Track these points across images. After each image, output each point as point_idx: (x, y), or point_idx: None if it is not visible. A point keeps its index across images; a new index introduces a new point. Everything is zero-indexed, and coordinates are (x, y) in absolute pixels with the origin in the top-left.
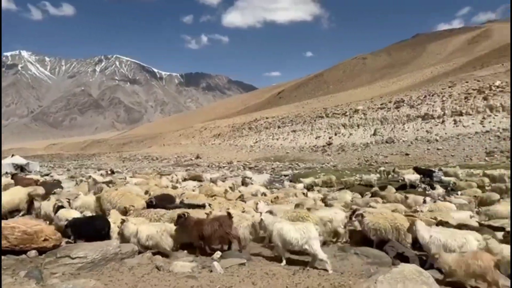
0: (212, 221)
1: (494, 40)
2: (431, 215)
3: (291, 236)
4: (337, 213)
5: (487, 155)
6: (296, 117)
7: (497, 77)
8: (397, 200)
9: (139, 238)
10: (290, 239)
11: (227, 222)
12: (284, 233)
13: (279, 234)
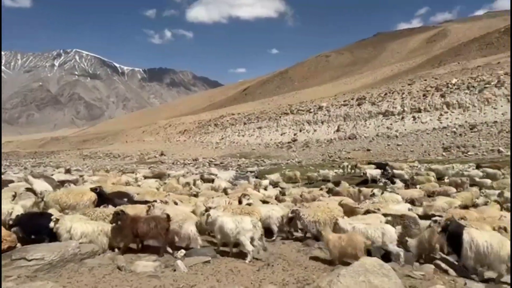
0: (148, 219)
1: (451, 39)
2: (374, 207)
3: (228, 227)
4: (274, 210)
5: (444, 150)
6: (262, 114)
7: (454, 75)
8: (350, 194)
9: (72, 235)
10: (227, 230)
11: (163, 224)
12: (223, 225)
13: (219, 227)
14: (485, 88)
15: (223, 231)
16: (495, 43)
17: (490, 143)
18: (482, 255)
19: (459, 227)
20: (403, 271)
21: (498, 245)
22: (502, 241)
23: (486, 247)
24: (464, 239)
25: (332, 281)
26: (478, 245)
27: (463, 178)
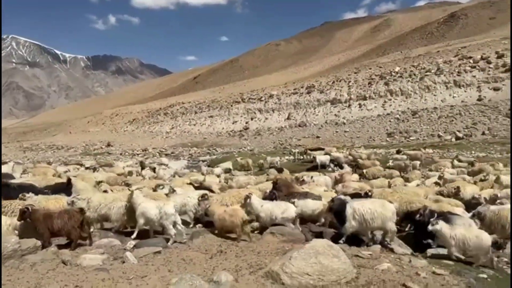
0: (61, 214)
1: (394, 29)
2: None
3: (151, 213)
4: (190, 197)
5: (388, 136)
6: (213, 102)
7: (397, 63)
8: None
9: None
10: (150, 215)
11: (76, 217)
12: (146, 211)
13: (142, 212)
14: (425, 76)
15: (147, 216)
16: (435, 33)
17: (431, 128)
18: (369, 220)
19: (342, 203)
20: (352, 252)
21: (382, 207)
22: (383, 204)
23: (370, 213)
24: (347, 212)
25: (284, 264)
26: (362, 213)
27: (406, 161)
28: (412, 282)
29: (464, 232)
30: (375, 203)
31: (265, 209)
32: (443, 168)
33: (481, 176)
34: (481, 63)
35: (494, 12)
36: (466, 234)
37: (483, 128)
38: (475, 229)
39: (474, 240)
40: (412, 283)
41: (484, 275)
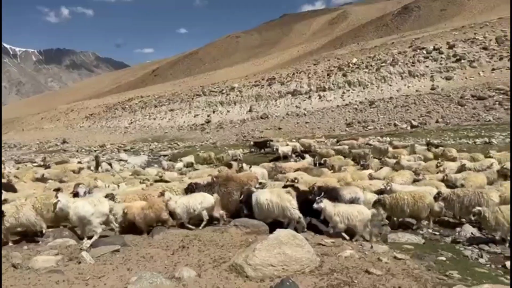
0: None
1: (351, 21)
2: None
3: (85, 210)
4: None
5: (347, 125)
6: (173, 96)
7: (354, 55)
8: None
9: None
10: (85, 213)
11: None
12: (79, 210)
13: (75, 213)
14: (381, 67)
15: (81, 215)
16: (390, 25)
17: (387, 117)
18: (266, 210)
19: (249, 193)
20: (315, 240)
21: (277, 199)
22: (280, 194)
23: (268, 204)
24: (252, 201)
25: (248, 256)
26: (261, 203)
27: (366, 150)
28: (374, 267)
29: (347, 207)
30: (273, 193)
31: (180, 204)
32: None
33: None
34: (434, 53)
35: (444, 4)
36: (349, 210)
37: (436, 116)
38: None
39: (356, 215)
40: (375, 269)
41: (443, 258)
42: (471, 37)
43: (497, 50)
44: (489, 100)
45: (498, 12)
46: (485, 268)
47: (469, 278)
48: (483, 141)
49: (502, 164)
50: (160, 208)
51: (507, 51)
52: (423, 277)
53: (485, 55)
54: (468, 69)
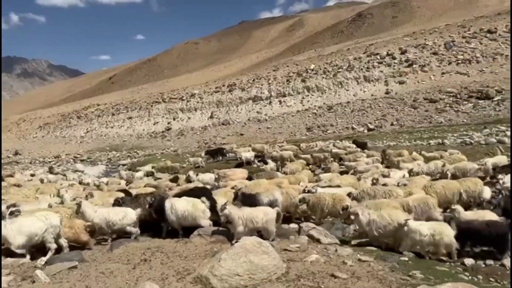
0: None
1: (307, 28)
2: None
3: (36, 226)
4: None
5: (308, 130)
6: (131, 103)
7: (312, 61)
8: None
9: None
10: (35, 230)
11: None
12: (26, 229)
13: (18, 230)
14: (338, 72)
15: (29, 232)
16: (345, 31)
17: (345, 121)
18: (181, 217)
19: (161, 199)
20: (281, 246)
21: (193, 206)
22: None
23: (183, 211)
24: (166, 207)
25: (213, 266)
26: (177, 210)
27: (325, 153)
28: (340, 271)
29: (252, 210)
30: (188, 202)
31: (99, 215)
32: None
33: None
34: (387, 59)
35: (396, 11)
36: (253, 212)
37: (391, 119)
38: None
39: (262, 217)
40: (340, 272)
41: (405, 258)
42: (422, 43)
43: (446, 55)
44: (440, 102)
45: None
46: (445, 266)
47: (431, 277)
48: (436, 142)
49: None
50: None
51: (455, 56)
52: (388, 278)
53: (435, 60)
54: (420, 73)
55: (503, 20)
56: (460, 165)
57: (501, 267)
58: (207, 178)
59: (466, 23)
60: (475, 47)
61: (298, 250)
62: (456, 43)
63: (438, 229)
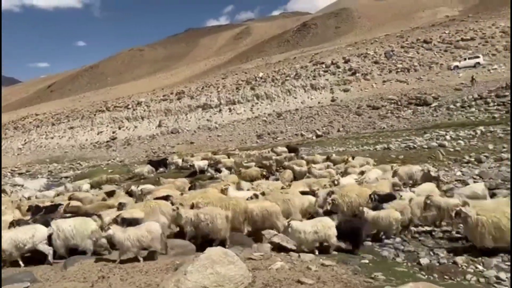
0: None
1: (254, 37)
2: None
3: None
4: None
5: (258, 137)
6: (73, 112)
7: (260, 69)
8: None
9: None
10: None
11: None
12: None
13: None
14: (286, 80)
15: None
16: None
17: (294, 128)
18: (69, 237)
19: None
20: (245, 255)
21: (81, 226)
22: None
23: (71, 230)
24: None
25: (179, 280)
26: (64, 231)
27: (271, 161)
28: (305, 277)
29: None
30: (76, 221)
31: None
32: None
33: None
34: (332, 67)
35: (338, 22)
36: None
37: (338, 126)
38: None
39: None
40: (306, 278)
41: (366, 261)
42: (364, 52)
43: (386, 64)
44: (382, 109)
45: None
46: (403, 267)
47: (392, 278)
48: (382, 147)
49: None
50: None
51: (395, 65)
52: (352, 281)
53: (376, 69)
54: (363, 82)
55: (437, 31)
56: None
57: (454, 265)
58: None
59: (404, 34)
60: (413, 56)
61: (262, 258)
62: (395, 53)
63: (319, 225)
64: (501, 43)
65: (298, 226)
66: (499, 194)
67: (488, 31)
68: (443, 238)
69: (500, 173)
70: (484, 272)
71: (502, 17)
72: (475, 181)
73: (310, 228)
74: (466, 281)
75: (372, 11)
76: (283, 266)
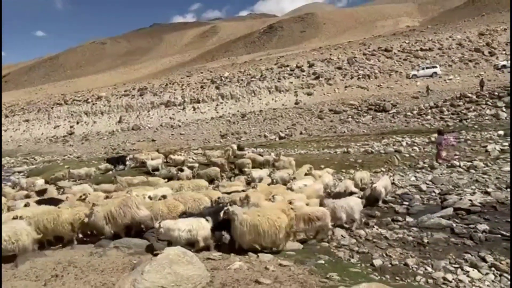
0: None
1: (221, 36)
2: None
3: None
4: None
5: (222, 137)
6: (29, 105)
7: (225, 69)
8: None
9: None
10: None
11: None
12: None
13: None
14: (251, 81)
15: None
16: (257, 42)
17: (258, 129)
18: None
19: None
20: (204, 255)
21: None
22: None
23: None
24: None
25: (136, 280)
26: None
27: (223, 160)
28: (263, 277)
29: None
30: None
31: None
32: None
33: None
34: (296, 71)
35: (304, 26)
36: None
37: (300, 128)
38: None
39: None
40: (264, 278)
41: (322, 261)
42: (327, 57)
43: (349, 69)
44: (343, 114)
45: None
46: (357, 268)
47: (347, 278)
48: (342, 151)
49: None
50: None
51: (357, 71)
52: (308, 281)
53: (339, 74)
54: (326, 86)
55: (397, 40)
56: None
57: (405, 266)
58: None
59: (366, 41)
60: (374, 64)
61: (221, 258)
62: (357, 59)
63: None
64: (456, 55)
65: (170, 225)
66: (450, 199)
67: (446, 42)
68: (396, 240)
69: (451, 179)
70: (433, 273)
71: (458, 30)
72: (428, 186)
73: (185, 226)
74: (416, 282)
75: (337, 18)
76: (241, 266)
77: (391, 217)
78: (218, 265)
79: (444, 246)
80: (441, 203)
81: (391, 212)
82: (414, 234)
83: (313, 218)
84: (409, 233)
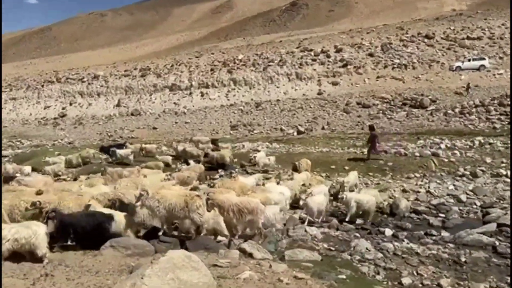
0: None
1: (236, 13)
2: None
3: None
4: None
5: (232, 128)
6: (17, 81)
7: (240, 50)
8: None
9: None
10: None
11: None
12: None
13: None
14: (268, 66)
15: None
16: (277, 21)
17: (274, 121)
18: None
19: None
20: (209, 261)
21: None
22: None
23: None
24: None
25: (135, 284)
26: None
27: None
28: None
29: None
30: None
31: None
32: None
33: None
34: (321, 56)
35: (332, 4)
36: None
37: (322, 123)
38: None
39: None
40: None
41: (343, 276)
42: (358, 42)
43: (382, 57)
44: (373, 108)
45: (383, 18)
46: (383, 286)
47: None
48: None
49: None
50: None
51: (391, 60)
52: None
53: (371, 62)
54: (354, 75)
55: (441, 26)
56: None
57: (438, 287)
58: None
59: (405, 25)
60: (412, 52)
61: (229, 266)
62: (393, 46)
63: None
64: (509, 46)
65: None
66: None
67: (498, 31)
68: (429, 257)
69: (496, 190)
70: None
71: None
72: (468, 197)
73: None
74: None
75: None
76: (252, 276)
77: (424, 231)
78: (225, 273)
79: (484, 266)
80: (482, 217)
81: (424, 224)
82: (450, 251)
83: (242, 210)
84: (444, 249)
